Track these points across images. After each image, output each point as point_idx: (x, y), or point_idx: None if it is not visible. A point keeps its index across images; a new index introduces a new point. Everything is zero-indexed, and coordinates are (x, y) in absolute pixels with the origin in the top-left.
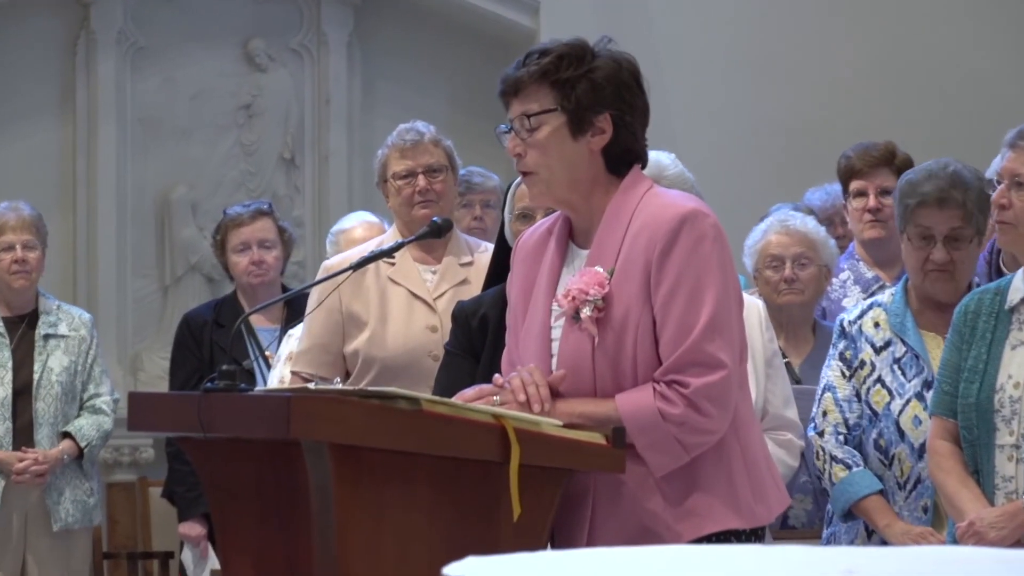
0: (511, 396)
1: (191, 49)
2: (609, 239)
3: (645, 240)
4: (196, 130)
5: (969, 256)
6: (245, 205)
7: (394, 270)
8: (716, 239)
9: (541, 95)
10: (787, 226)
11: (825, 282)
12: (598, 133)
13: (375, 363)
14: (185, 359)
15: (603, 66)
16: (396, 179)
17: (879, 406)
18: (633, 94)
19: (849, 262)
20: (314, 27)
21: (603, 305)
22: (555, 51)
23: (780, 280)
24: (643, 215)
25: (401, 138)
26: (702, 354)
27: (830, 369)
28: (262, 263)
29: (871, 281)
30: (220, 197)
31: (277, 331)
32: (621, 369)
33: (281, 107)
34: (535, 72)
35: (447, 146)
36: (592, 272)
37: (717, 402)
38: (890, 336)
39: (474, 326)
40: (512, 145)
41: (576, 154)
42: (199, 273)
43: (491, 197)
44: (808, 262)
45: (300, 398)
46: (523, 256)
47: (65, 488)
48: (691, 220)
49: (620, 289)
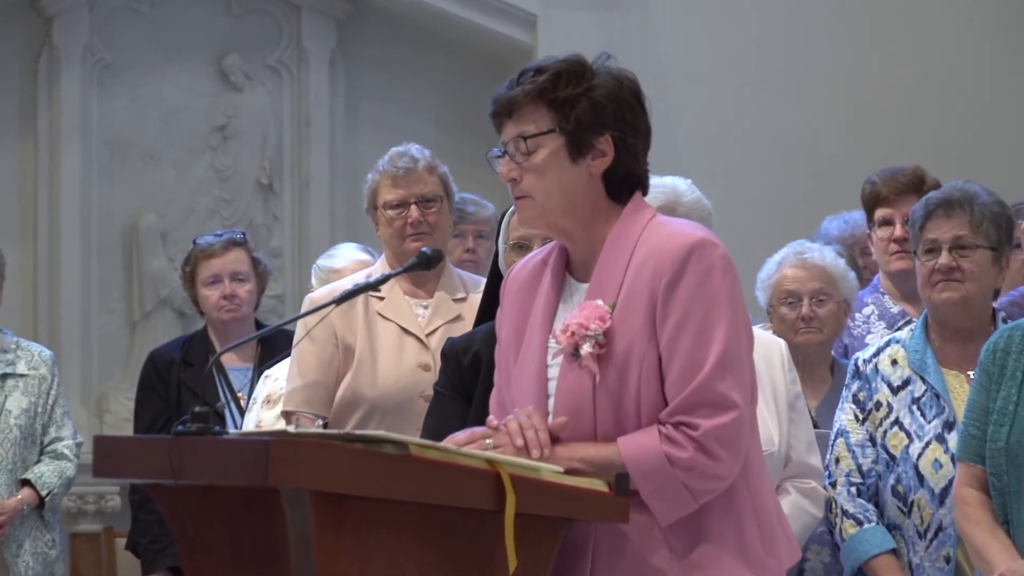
0: (507, 440)
1: (161, 66)
2: (610, 270)
3: (650, 272)
4: (167, 153)
5: (981, 270)
6: (217, 235)
7: (383, 304)
8: (726, 271)
9: (537, 116)
10: (804, 259)
11: (845, 318)
12: (599, 156)
13: (362, 403)
14: (151, 400)
15: (603, 84)
16: (387, 208)
17: (896, 450)
18: (635, 114)
19: (874, 296)
20: (294, 42)
21: (604, 341)
22: (552, 68)
23: (797, 318)
24: (647, 245)
25: (393, 164)
26: (712, 394)
27: (843, 412)
28: (234, 297)
29: (897, 316)
30: (192, 226)
31: (250, 370)
32: (624, 410)
33: (258, 129)
34: (531, 91)
35: (442, 173)
36: (592, 306)
37: (728, 445)
38: (909, 374)
39: (465, 364)
40: (506, 170)
41: (575, 178)
42: (170, 307)
43: (485, 228)
44: (827, 298)
45: (279, 442)
46: (515, 289)
47: (25, 540)
48: (699, 250)
49: (623, 324)
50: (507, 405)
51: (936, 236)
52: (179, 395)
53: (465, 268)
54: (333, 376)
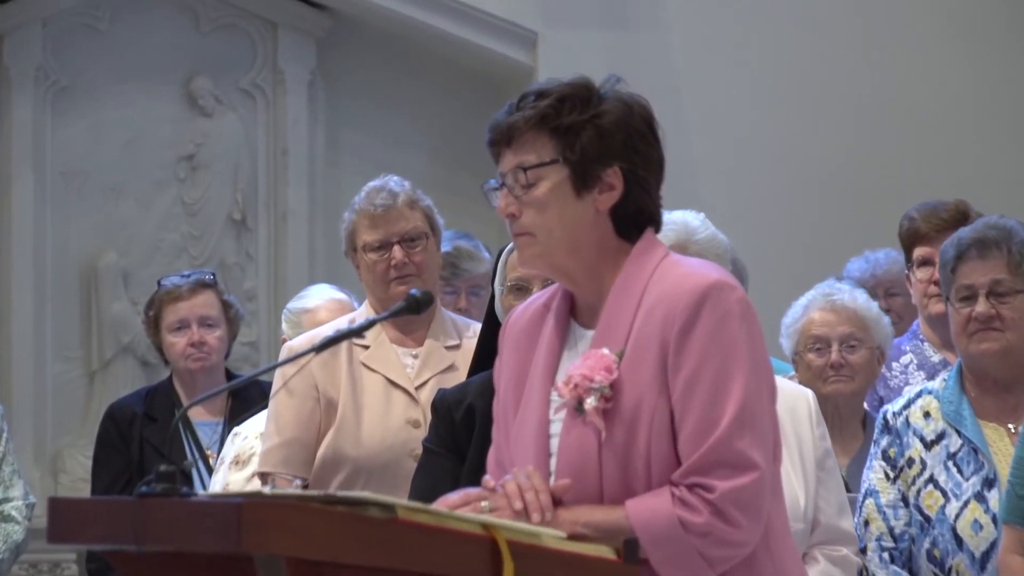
0: (504, 502)
1: (123, 89)
2: (618, 316)
3: (660, 317)
4: (129, 185)
5: (1022, 316)
6: (184, 275)
7: (368, 354)
8: (744, 316)
9: (539, 144)
10: (833, 301)
11: (878, 366)
12: (606, 189)
13: (345, 463)
14: (110, 458)
15: (611, 110)
16: (367, 251)
17: (932, 510)
18: (647, 144)
19: (912, 343)
20: (269, 63)
21: (611, 394)
22: (555, 92)
23: (825, 366)
24: (658, 288)
25: (370, 202)
26: (730, 453)
27: (872, 471)
28: (203, 345)
29: (938, 366)
30: (157, 265)
31: (220, 425)
32: (633, 470)
33: (230, 158)
34: (532, 117)
35: (426, 207)
36: (598, 355)
37: (748, 509)
38: (943, 427)
39: (458, 419)
40: (504, 204)
41: (580, 214)
42: (132, 356)
43: (481, 283)
44: (858, 344)
45: (253, 504)
46: (514, 336)
47: None
48: (714, 294)
49: (631, 375)
50: (505, 464)
51: (971, 281)
52: (142, 453)
53: None
54: (313, 433)
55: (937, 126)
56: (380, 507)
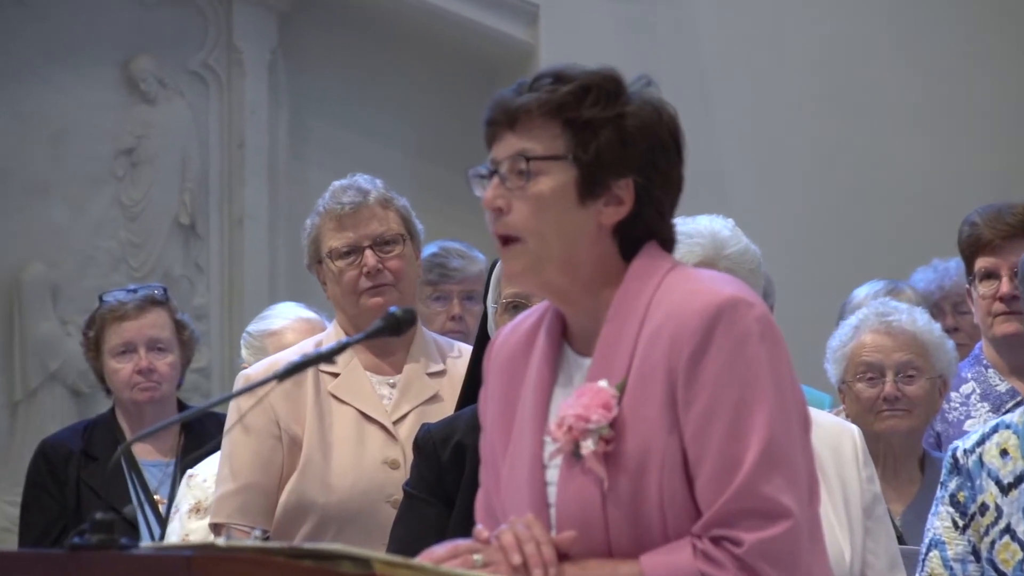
0: (500, 556)
1: (52, 73)
2: (617, 341)
3: (667, 342)
4: (58, 185)
5: None
6: (130, 290)
7: (338, 383)
8: (764, 336)
9: (549, 134)
10: (888, 323)
11: (940, 399)
12: (613, 203)
13: (312, 511)
14: (42, 504)
15: (638, 113)
16: (334, 258)
17: (1008, 565)
18: (669, 160)
19: (974, 369)
20: (223, 41)
21: (611, 435)
22: (579, 79)
23: (878, 398)
24: (664, 306)
25: (336, 200)
26: (757, 499)
27: (938, 517)
28: (152, 372)
29: (1005, 396)
30: (91, 278)
31: (170, 466)
32: (644, 523)
33: (176, 153)
34: (548, 102)
35: (401, 207)
36: (594, 389)
37: (781, 564)
38: (1023, 468)
39: (445, 459)
40: (491, 195)
41: (580, 225)
42: (61, 384)
43: (475, 287)
44: (917, 373)
45: (204, 559)
46: (500, 364)
47: None
48: (729, 312)
49: (634, 412)
50: (497, 513)
51: None
52: (79, 497)
53: (453, 339)
54: (274, 477)
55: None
56: (354, 561)
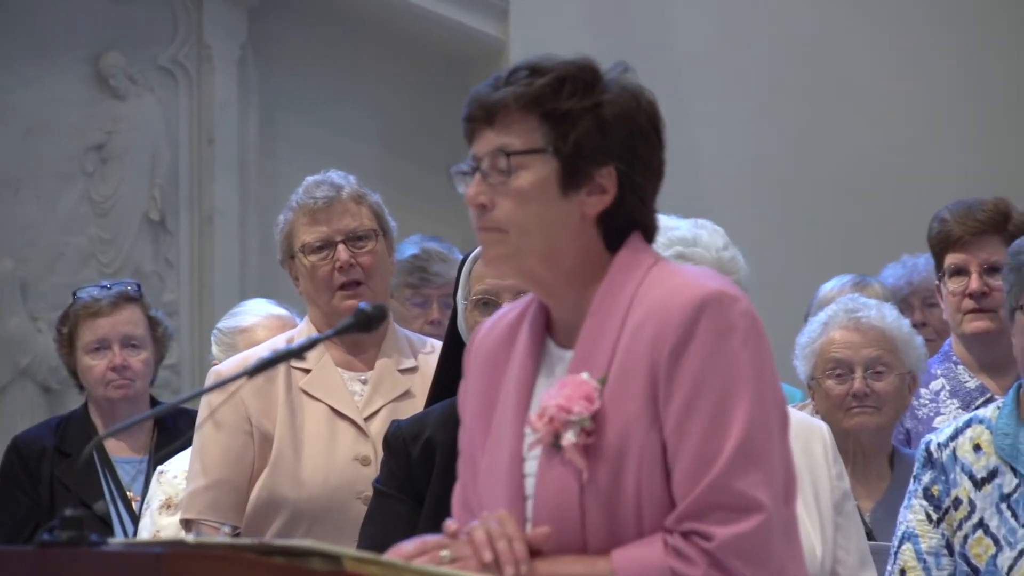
0: (470, 552)
1: (20, 67)
2: (600, 334)
3: (650, 336)
4: (27, 181)
5: None
6: (103, 286)
7: (309, 379)
8: (748, 332)
9: (527, 128)
10: (857, 319)
11: (909, 395)
12: (596, 192)
13: (283, 507)
14: (15, 501)
15: (616, 101)
16: (307, 253)
17: (981, 560)
18: (650, 146)
19: (944, 366)
20: (193, 36)
21: (592, 427)
22: (554, 71)
23: (847, 394)
24: (647, 300)
25: (309, 195)
26: (730, 493)
27: (911, 511)
28: (126, 369)
29: (974, 392)
30: (61, 274)
31: (143, 463)
32: (620, 515)
33: (146, 148)
34: (524, 96)
35: (374, 203)
36: (576, 382)
37: (752, 559)
38: (996, 463)
39: (415, 455)
40: (474, 191)
41: (563, 216)
42: (31, 381)
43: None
44: (886, 369)
45: (175, 555)
46: (481, 358)
47: None
48: (713, 306)
49: (616, 405)
50: (473, 506)
51: None
52: (52, 494)
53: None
54: (245, 473)
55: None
56: (324, 558)
